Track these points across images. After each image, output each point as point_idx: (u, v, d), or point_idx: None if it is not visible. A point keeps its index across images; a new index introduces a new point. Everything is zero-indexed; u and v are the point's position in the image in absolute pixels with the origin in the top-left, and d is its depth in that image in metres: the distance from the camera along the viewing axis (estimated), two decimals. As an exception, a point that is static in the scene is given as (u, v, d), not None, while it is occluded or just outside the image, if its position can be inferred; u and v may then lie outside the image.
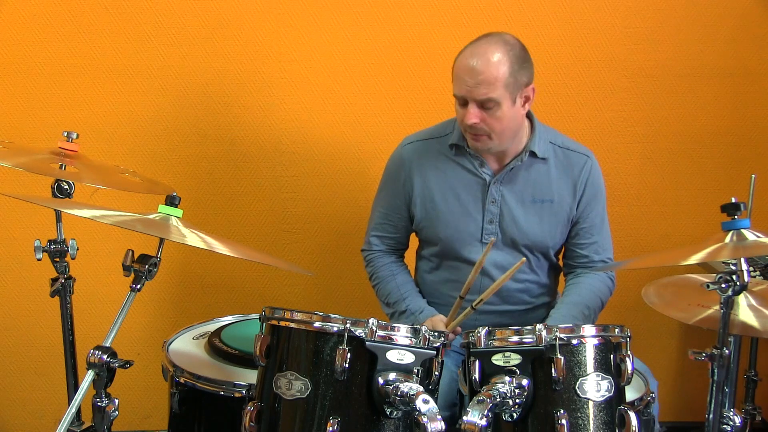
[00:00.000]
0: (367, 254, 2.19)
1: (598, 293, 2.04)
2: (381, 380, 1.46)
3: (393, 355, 1.48)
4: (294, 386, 1.49)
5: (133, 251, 1.58)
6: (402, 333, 1.50)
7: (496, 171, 2.01)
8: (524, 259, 1.88)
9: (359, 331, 1.47)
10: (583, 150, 2.07)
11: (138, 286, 1.56)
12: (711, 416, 1.61)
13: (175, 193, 1.66)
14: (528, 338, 1.51)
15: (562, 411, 1.47)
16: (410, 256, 2.26)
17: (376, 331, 1.47)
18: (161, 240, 1.59)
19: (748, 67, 2.65)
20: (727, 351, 1.57)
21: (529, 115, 2.02)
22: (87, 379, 1.50)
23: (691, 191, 2.72)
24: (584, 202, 2.03)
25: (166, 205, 1.64)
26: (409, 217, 2.11)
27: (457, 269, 2.03)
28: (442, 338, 1.56)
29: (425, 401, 1.37)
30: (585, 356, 1.52)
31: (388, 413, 1.47)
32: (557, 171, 2.02)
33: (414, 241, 2.24)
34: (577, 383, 1.49)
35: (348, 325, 1.47)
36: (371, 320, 1.47)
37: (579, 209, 2.03)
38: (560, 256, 2.15)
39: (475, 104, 1.85)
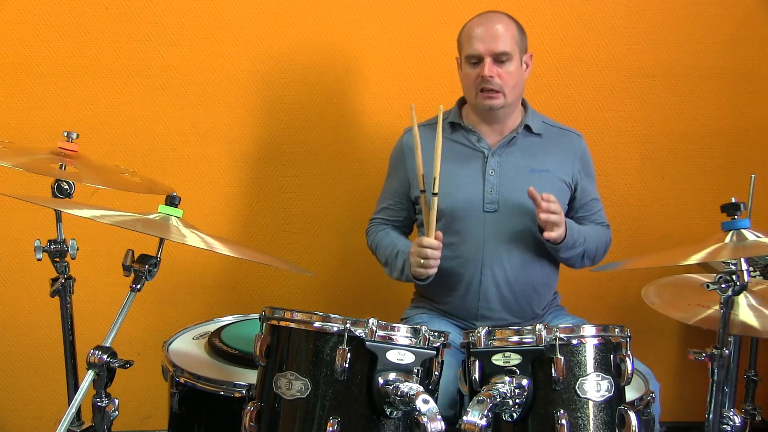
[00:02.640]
0: (369, 228, 2.28)
1: (597, 235, 2.15)
2: (381, 380, 1.46)
3: (393, 355, 1.48)
4: (294, 386, 1.49)
5: (133, 251, 1.58)
6: (402, 333, 1.50)
7: (492, 144, 2.11)
8: None
9: (359, 331, 1.47)
10: (574, 130, 2.21)
11: (138, 286, 1.56)
12: (711, 416, 1.61)
13: (175, 193, 1.66)
14: (528, 338, 1.51)
15: (562, 411, 1.47)
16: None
17: (376, 331, 1.47)
18: (161, 240, 1.59)
19: (748, 67, 2.65)
20: (727, 351, 1.57)
21: (522, 102, 2.16)
22: (87, 379, 1.50)
23: (691, 191, 2.72)
24: (582, 177, 2.16)
25: (166, 205, 1.65)
26: (410, 202, 2.19)
27: (460, 243, 2.08)
28: (442, 338, 1.56)
29: (425, 401, 1.37)
30: (585, 356, 1.52)
31: (388, 413, 1.47)
32: (551, 144, 2.14)
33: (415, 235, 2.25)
34: (577, 383, 1.50)
35: (348, 325, 1.47)
36: (371, 320, 1.47)
37: (579, 185, 2.15)
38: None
39: (491, 59, 2.00)
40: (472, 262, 2.07)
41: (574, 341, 1.51)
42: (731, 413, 1.63)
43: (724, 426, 1.62)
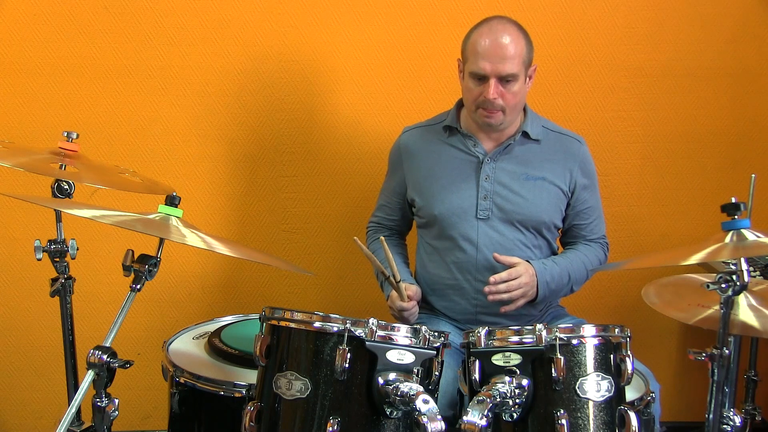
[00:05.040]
0: (368, 228, 2.32)
1: (586, 262, 2.11)
2: (381, 380, 1.46)
3: (393, 355, 1.48)
4: (294, 386, 1.49)
5: (133, 251, 1.58)
6: (402, 333, 1.50)
7: (489, 150, 2.08)
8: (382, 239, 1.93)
9: (359, 331, 1.47)
10: (576, 135, 2.15)
11: (138, 286, 1.56)
12: (711, 416, 1.61)
13: (175, 193, 1.66)
14: (528, 338, 1.51)
15: (562, 411, 1.47)
16: (411, 251, 2.27)
17: (376, 331, 1.47)
18: (161, 240, 1.59)
19: (748, 67, 2.65)
20: (727, 351, 1.57)
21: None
22: (87, 379, 1.50)
23: (691, 191, 2.72)
24: (579, 185, 2.11)
25: (166, 205, 1.64)
26: (407, 203, 2.20)
27: (453, 249, 2.08)
28: (442, 338, 1.56)
29: (425, 401, 1.37)
30: (585, 356, 1.52)
31: (388, 413, 1.47)
32: (549, 151, 2.09)
33: (414, 238, 2.25)
34: (577, 383, 1.50)
35: (348, 325, 1.47)
36: (371, 320, 1.47)
37: (575, 192, 2.11)
38: (557, 242, 2.19)
39: (496, 80, 1.93)
40: (465, 268, 2.07)
41: (574, 341, 1.51)
42: (731, 413, 1.63)
43: (724, 426, 1.62)
